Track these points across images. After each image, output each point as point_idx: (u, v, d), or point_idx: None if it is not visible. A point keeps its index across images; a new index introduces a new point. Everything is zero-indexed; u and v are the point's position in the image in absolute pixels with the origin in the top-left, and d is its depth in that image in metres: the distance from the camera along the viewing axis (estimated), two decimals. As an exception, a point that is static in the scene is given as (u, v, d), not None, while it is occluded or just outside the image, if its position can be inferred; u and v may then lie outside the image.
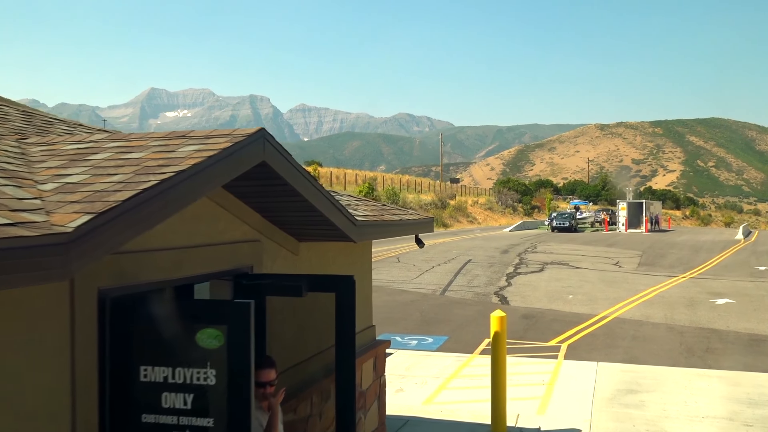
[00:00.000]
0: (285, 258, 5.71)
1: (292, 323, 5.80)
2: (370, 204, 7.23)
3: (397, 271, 27.24)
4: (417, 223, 7.30)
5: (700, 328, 16.53)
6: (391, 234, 6.63)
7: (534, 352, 13.90)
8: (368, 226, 5.88)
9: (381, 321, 17.09)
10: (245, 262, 5.06)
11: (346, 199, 6.99)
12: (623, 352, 13.90)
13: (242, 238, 5.03)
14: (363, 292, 7.55)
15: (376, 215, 6.46)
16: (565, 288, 23.35)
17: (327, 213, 5.02)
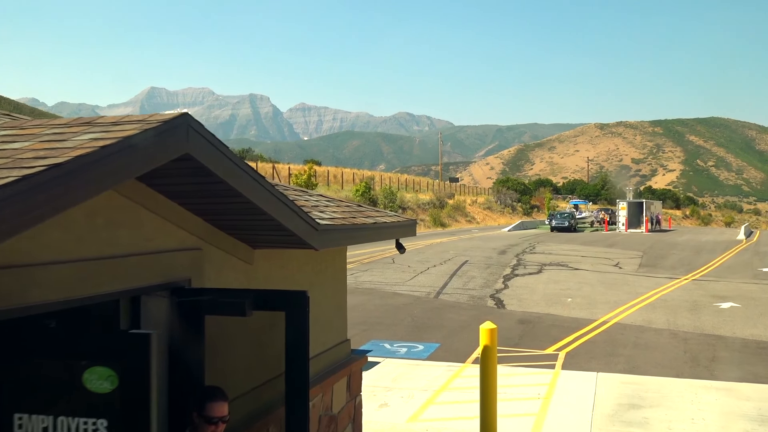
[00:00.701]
0: (235, 268, 4.94)
1: (246, 342, 5.02)
2: (343, 205, 6.46)
3: (392, 272, 26.46)
4: (395, 227, 6.52)
5: (704, 334, 15.75)
6: (364, 239, 5.86)
7: (530, 361, 13.12)
8: (334, 231, 5.10)
9: (371, 326, 16.33)
10: (181, 274, 4.28)
11: (315, 199, 6.22)
12: (624, 361, 13.12)
13: (177, 246, 4.25)
14: (336, 302, 6.79)
15: (346, 218, 5.69)
16: (563, 291, 22.57)
17: (279, 216, 4.24)
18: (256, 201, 4.00)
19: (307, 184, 49.29)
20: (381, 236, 6.26)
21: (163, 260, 4.11)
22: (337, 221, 5.34)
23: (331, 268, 6.58)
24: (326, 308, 6.45)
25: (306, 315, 4.08)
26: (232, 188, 3.78)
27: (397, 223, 6.59)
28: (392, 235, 6.54)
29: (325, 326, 6.43)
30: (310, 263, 6.06)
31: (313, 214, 5.23)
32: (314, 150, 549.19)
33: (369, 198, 56.68)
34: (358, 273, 26.03)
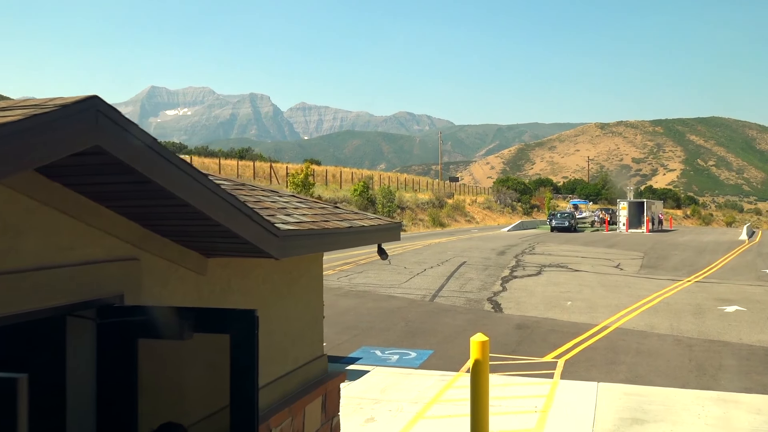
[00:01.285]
0: (184, 280, 4.31)
1: (198, 362, 4.39)
2: (317, 207, 5.82)
3: (387, 274, 25.82)
4: (374, 231, 5.88)
5: (710, 340, 15.11)
6: (338, 245, 5.22)
7: (527, 369, 12.49)
8: (298, 238, 4.46)
9: (362, 331, 15.70)
10: (110, 289, 3.65)
11: (284, 200, 5.58)
12: (626, 370, 12.48)
13: (105, 257, 3.62)
14: (311, 314, 6.15)
15: (317, 221, 5.05)
16: (563, 293, 21.94)
17: (226, 221, 3.61)
18: (196, 203, 3.37)
19: (304, 184, 48.68)
20: (358, 241, 5.62)
21: (87, 273, 3.49)
22: (305, 225, 4.71)
23: (306, 276, 5.95)
24: (299, 321, 5.82)
25: (253, 339, 3.44)
26: (163, 188, 3.15)
27: (377, 227, 5.95)
28: (372, 240, 5.91)
29: (298, 341, 5.80)
30: (278, 271, 5.42)
31: (277, 218, 4.60)
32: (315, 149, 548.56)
33: (367, 198, 56.05)
34: (353, 275, 25.41)
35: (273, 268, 5.34)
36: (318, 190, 55.14)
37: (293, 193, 6.22)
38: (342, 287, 22.39)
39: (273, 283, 5.37)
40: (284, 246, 4.23)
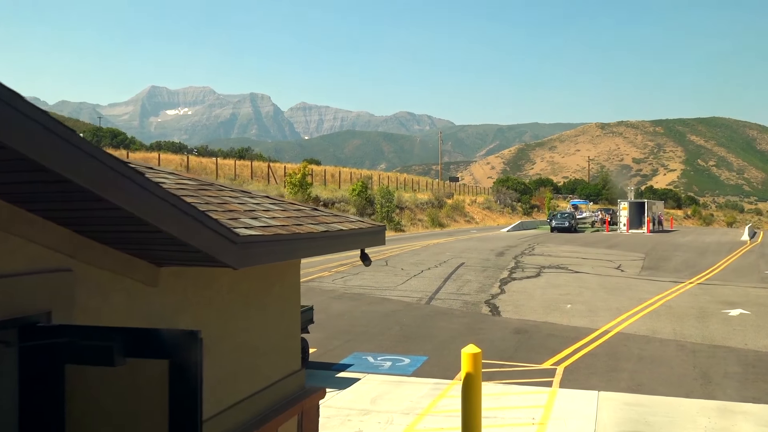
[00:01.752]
0: (129, 293, 3.81)
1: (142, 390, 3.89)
2: (292, 209, 5.32)
3: (383, 275, 25.33)
4: (354, 235, 5.38)
5: (714, 346, 14.61)
6: (311, 251, 4.73)
7: (525, 377, 11.98)
8: (262, 244, 3.97)
9: (355, 336, 15.21)
10: (36, 306, 3.15)
11: (255, 202, 5.09)
12: (628, 378, 11.98)
13: (28, 268, 3.12)
14: (286, 327, 5.65)
15: (288, 225, 4.55)
16: (563, 296, 21.44)
17: (169, 226, 3.12)
18: (130, 207, 2.88)
19: (301, 184, 48.18)
20: (336, 247, 5.12)
21: (5, 287, 2.99)
22: (271, 231, 4.21)
23: (279, 285, 5.45)
24: (272, 334, 5.33)
25: (196, 366, 2.94)
26: (86, 189, 2.66)
27: (358, 231, 5.45)
28: (352, 245, 5.40)
29: (270, 356, 5.30)
30: (246, 280, 4.92)
31: (240, 222, 4.11)
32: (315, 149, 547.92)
33: (365, 198, 55.53)
34: (348, 276, 24.91)
35: (241, 277, 4.85)
36: (316, 191, 54.61)
37: (267, 194, 5.72)
38: (336, 289, 21.89)
39: (241, 293, 4.87)
40: (244, 254, 3.74)
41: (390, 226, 54.89)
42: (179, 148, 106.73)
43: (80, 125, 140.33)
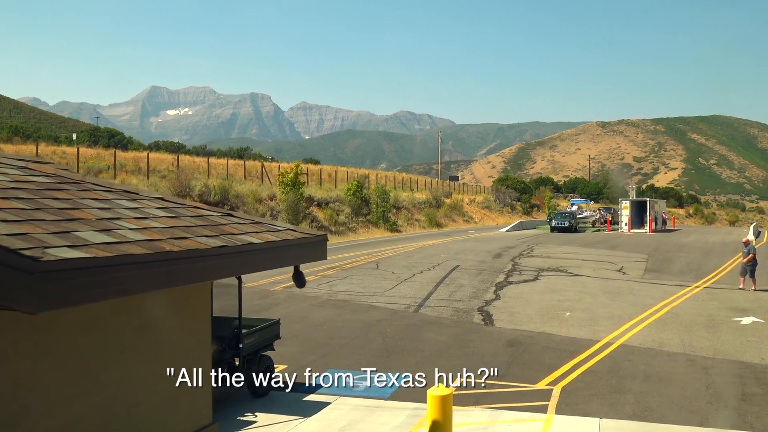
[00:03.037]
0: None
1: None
2: (189, 215, 3.96)
3: (372, 279, 23.98)
4: (272, 250, 4.01)
5: (727, 360, 13.24)
6: (190, 277, 3.36)
7: (517, 400, 10.62)
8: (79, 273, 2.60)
9: (333, 350, 13.87)
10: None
11: (133, 205, 3.73)
12: (633, 401, 10.62)
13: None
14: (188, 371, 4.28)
15: (163, 239, 3.19)
16: (561, 302, 20.08)
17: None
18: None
19: (293, 183, 46.76)
20: (240, 267, 3.77)
21: None
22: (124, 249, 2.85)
23: (180, 314, 4.09)
24: (163, 383, 3.97)
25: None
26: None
27: (281, 244, 4.08)
28: (268, 262, 4.05)
29: (161, 411, 3.94)
30: (119, 313, 3.57)
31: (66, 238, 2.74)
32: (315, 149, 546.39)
33: (361, 197, 54.15)
34: (335, 281, 23.57)
35: (109, 310, 3.49)
36: (310, 190, 53.20)
37: (162, 195, 4.37)
38: (320, 296, 20.55)
39: (108, 332, 3.52)
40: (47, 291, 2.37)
41: (386, 226, 53.53)
42: (177, 147, 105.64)
43: (80, 125, 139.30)
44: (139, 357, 3.74)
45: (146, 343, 3.80)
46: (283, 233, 4.35)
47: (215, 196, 39.63)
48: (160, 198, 4.20)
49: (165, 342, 3.96)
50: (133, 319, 3.71)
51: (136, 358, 3.73)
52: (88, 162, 46.88)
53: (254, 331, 10.77)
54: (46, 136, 79.75)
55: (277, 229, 4.43)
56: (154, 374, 3.88)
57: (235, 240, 3.77)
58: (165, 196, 4.29)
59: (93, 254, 2.74)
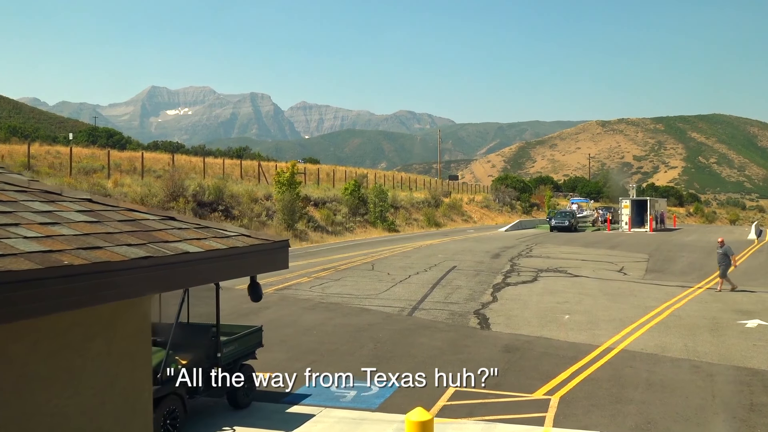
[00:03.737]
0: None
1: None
2: (118, 218, 3.37)
3: (367, 281, 23.38)
4: (214, 260, 3.42)
5: (734, 366, 12.65)
6: (94, 297, 2.77)
7: (512, 411, 10.03)
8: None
9: (321, 356, 13.27)
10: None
11: (48, 209, 3.14)
12: (635, 412, 10.03)
13: None
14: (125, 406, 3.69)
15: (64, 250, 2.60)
16: (560, 304, 19.49)
17: None
18: None
19: (289, 183, 46.17)
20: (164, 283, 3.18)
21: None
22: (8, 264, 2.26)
23: (106, 335, 3.50)
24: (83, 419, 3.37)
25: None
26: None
27: (228, 253, 3.49)
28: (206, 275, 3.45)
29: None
30: (28, 337, 2.98)
31: None
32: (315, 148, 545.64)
33: (358, 197, 53.55)
34: (328, 283, 22.97)
35: (6, 336, 2.89)
36: (307, 190, 52.59)
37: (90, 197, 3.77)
38: (312, 298, 19.95)
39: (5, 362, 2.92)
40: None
41: (384, 226, 52.92)
42: (176, 147, 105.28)
43: (80, 125, 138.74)
44: (51, 389, 3.15)
45: (60, 372, 3.20)
46: (233, 240, 3.77)
47: (209, 196, 39.01)
48: (87, 200, 3.62)
49: (86, 370, 3.37)
50: (41, 345, 3.12)
51: (46, 390, 3.13)
52: (83, 162, 46.26)
53: (234, 339, 10.18)
54: (45, 136, 79.25)
55: (227, 234, 3.85)
56: (71, 408, 3.29)
57: (166, 249, 3.19)
58: (95, 197, 3.71)
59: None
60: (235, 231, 3.98)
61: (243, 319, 15.82)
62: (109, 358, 3.52)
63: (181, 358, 9.17)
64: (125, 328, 3.63)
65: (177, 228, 3.63)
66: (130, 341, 3.68)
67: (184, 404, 8.84)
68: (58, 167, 43.05)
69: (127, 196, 35.18)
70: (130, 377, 3.70)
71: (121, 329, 3.59)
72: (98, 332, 3.43)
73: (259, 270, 3.95)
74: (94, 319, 3.34)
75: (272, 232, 40.17)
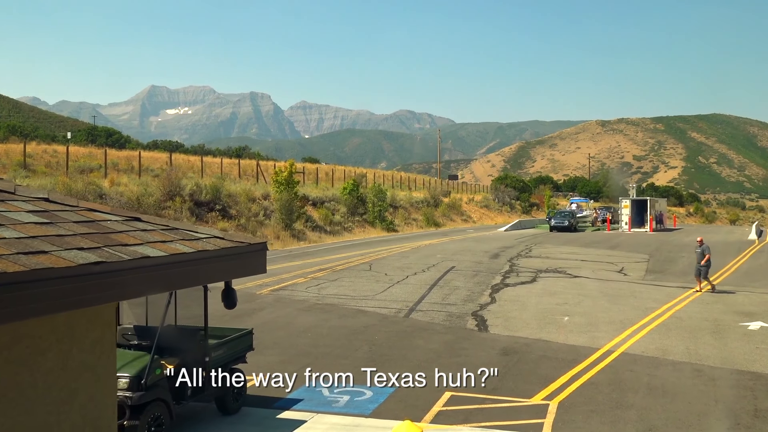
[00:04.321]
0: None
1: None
2: (74, 219, 3.08)
3: (364, 282, 23.10)
4: (179, 264, 3.12)
5: (737, 371, 12.37)
6: (33, 310, 2.47)
7: (509, 417, 9.75)
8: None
9: (315, 359, 12.97)
10: None
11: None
12: (636, 418, 9.74)
13: None
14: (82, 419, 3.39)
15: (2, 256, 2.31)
16: (559, 306, 19.20)
17: None
18: None
19: (287, 182, 45.89)
20: (120, 291, 2.87)
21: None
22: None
23: (61, 346, 3.20)
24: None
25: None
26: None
27: (194, 257, 3.19)
28: (170, 281, 3.16)
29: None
30: None
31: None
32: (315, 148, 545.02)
33: (357, 196, 53.26)
34: (325, 283, 22.68)
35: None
36: (306, 189, 52.29)
37: (47, 195, 3.47)
38: (308, 299, 19.66)
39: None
40: None
41: (382, 225, 52.63)
42: (175, 146, 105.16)
43: (79, 125, 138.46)
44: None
45: (5, 389, 2.91)
46: (203, 242, 3.49)
47: (206, 196, 38.71)
48: (44, 199, 3.34)
49: (38, 386, 3.07)
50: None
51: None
52: (80, 161, 45.98)
53: (223, 342, 9.89)
54: (44, 135, 78.96)
55: (197, 237, 3.56)
56: (21, 428, 3.00)
57: (123, 253, 2.91)
58: (53, 195, 3.43)
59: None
60: (206, 233, 3.70)
61: (236, 321, 15.53)
62: (65, 373, 3.23)
63: (167, 362, 8.88)
64: (83, 340, 3.33)
65: (141, 230, 3.34)
66: (90, 353, 3.38)
67: (170, 410, 8.55)
68: (55, 166, 42.77)
69: (123, 195, 34.88)
70: (90, 392, 3.41)
71: (79, 341, 3.30)
72: (51, 345, 3.14)
73: (233, 275, 3.66)
74: (45, 331, 3.05)
75: (269, 231, 39.87)
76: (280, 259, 30.09)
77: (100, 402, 3.47)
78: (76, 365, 3.30)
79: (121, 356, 8.67)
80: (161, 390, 8.46)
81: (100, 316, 3.45)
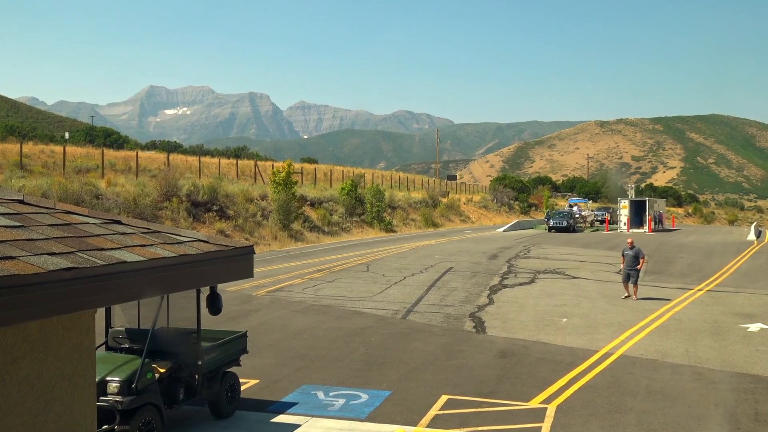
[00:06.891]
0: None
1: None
2: (49, 222, 2.93)
3: (361, 283, 22.95)
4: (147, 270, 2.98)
5: (737, 374, 12.23)
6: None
7: (506, 421, 9.60)
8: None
9: (310, 362, 12.83)
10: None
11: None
12: (635, 422, 9.60)
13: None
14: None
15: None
16: (558, 307, 19.07)
17: None
18: None
19: (285, 183, 45.74)
20: (94, 298, 2.73)
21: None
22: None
23: (35, 355, 3.06)
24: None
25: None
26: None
27: (174, 261, 3.04)
28: (149, 287, 3.01)
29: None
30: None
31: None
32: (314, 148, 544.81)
33: (355, 197, 53.11)
34: (322, 284, 22.54)
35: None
36: (304, 190, 52.15)
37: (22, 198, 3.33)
38: (304, 300, 19.52)
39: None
40: None
41: (381, 226, 52.49)
42: (174, 147, 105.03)
43: (78, 125, 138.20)
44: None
45: None
46: (185, 246, 3.35)
47: (204, 196, 38.55)
48: (18, 201, 3.20)
49: (10, 396, 2.93)
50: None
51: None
52: (77, 161, 45.83)
53: (216, 345, 9.75)
54: (42, 135, 78.74)
55: (179, 240, 3.42)
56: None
57: (98, 258, 2.77)
58: (29, 197, 3.29)
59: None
60: (190, 236, 3.56)
61: (231, 323, 15.41)
62: (41, 382, 3.09)
63: (159, 366, 8.73)
64: (60, 348, 3.19)
65: (120, 233, 3.20)
66: (67, 362, 3.24)
67: (162, 415, 8.40)
68: (52, 166, 42.59)
69: (120, 195, 34.70)
70: (67, 402, 3.27)
71: (55, 349, 3.16)
72: (24, 353, 3.00)
73: (217, 280, 3.53)
74: (18, 339, 2.91)
75: (267, 232, 39.71)
76: (278, 260, 29.95)
77: (78, 412, 3.32)
78: (51, 374, 3.16)
79: (111, 360, 8.53)
80: (152, 394, 8.32)
81: (78, 323, 3.30)
